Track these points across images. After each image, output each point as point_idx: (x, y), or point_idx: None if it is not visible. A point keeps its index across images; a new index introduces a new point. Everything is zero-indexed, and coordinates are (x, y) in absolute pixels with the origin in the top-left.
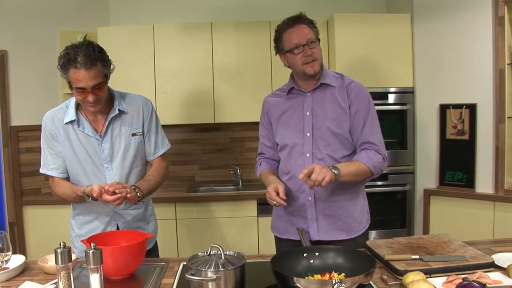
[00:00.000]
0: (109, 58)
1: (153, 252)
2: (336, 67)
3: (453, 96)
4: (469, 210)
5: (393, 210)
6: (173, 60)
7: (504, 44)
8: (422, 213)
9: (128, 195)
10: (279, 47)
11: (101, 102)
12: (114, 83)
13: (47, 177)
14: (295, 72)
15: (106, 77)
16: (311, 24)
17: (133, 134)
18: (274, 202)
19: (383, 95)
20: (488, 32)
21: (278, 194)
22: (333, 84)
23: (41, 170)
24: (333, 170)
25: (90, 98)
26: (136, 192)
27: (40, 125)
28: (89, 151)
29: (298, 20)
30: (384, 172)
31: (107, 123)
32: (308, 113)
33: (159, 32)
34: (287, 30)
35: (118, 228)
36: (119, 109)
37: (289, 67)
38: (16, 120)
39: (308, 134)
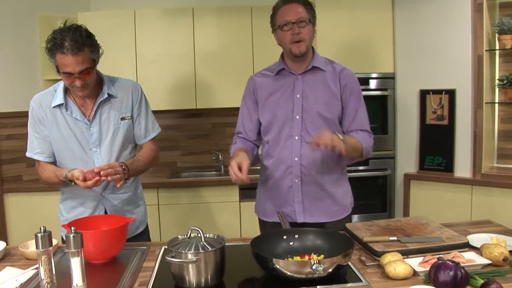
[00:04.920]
0: (97, 43)
1: (143, 234)
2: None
3: (433, 81)
4: (448, 193)
5: (374, 194)
6: (155, 46)
7: (483, 31)
8: (402, 198)
9: (109, 177)
10: (272, 23)
11: (89, 87)
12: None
13: (31, 163)
14: (284, 51)
15: (94, 62)
16: (307, 5)
17: (122, 118)
18: (234, 177)
19: (365, 81)
20: (467, 18)
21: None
22: (324, 69)
23: (27, 154)
24: (340, 136)
25: (78, 83)
26: (124, 170)
27: (20, 112)
28: (77, 135)
29: None
30: None
31: (95, 107)
32: (298, 96)
33: (140, 17)
34: (282, 7)
35: (106, 213)
36: (108, 93)
37: (279, 44)
38: None
39: (298, 117)
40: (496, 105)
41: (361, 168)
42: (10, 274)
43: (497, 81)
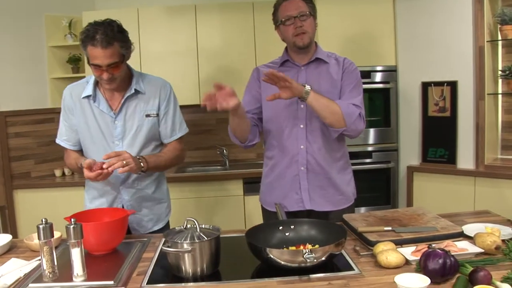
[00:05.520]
0: (129, 39)
1: (161, 232)
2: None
3: (435, 73)
4: (451, 185)
5: (377, 187)
6: (158, 43)
7: (484, 22)
8: (405, 190)
9: (120, 169)
10: (275, 20)
11: (116, 81)
12: None
13: (39, 160)
14: (288, 45)
15: (123, 57)
16: None
17: (147, 115)
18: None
19: (367, 74)
20: (468, 10)
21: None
22: (327, 61)
23: (56, 140)
24: (306, 87)
25: (105, 75)
26: (140, 162)
27: (28, 110)
28: (102, 127)
29: None
30: (368, 149)
31: (122, 101)
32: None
33: (143, 16)
34: (283, 3)
35: (123, 207)
36: (135, 89)
37: (283, 39)
38: (4, 105)
39: (302, 106)
40: (500, 96)
41: (364, 160)
42: (15, 265)
43: (499, 72)
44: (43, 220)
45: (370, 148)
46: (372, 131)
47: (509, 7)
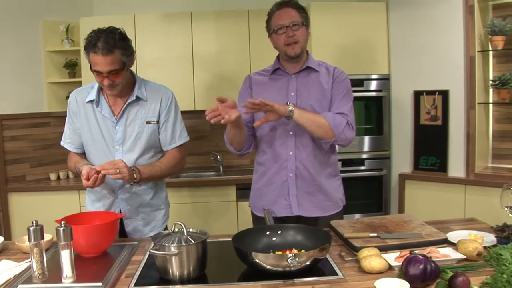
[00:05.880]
0: (131, 46)
1: None
2: (313, 55)
3: (427, 82)
4: (442, 193)
5: (370, 194)
6: (154, 49)
7: (475, 32)
8: (397, 197)
9: (111, 176)
10: (268, 28)
11: (118, 88)
12: None
13: (34, 163)
14: (279, 53)
15: (125, 64)
16: (300, 9)
17: (148, 122)
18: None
19: (360, 82)
20: (459, 20)
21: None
22: (317, 69)
23: (61, 142)
24: (289, 106)
25: (106, 82)
26: (134, 173)
27: (24, 114)
28: (103, 131)
29: (287, 3)
30: (361, 157)
31: (124, 107)
32: (292, 94)
33: (140, 22)
34: (276, 12)
35: (120, 211)
36: (137, 96)
37: (275, 47)
38: (0, 108)
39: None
40: (490, 105)
41: (357, 168)
42: (6, 266)
43: (490, 82)
44: (34, 222)
45: (363, 156)
46: (365, 139)
47: (499, 18)
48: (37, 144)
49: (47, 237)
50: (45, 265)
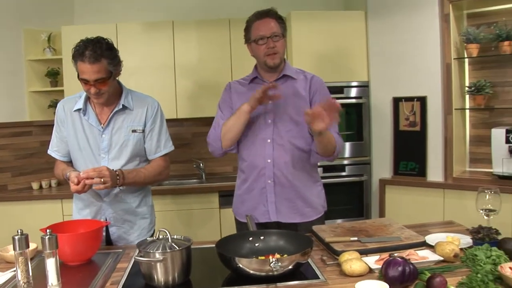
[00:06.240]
0: (118, 56)
1: None
2: (293, 63)
3: (405, 89)
4: (421, 197)
5: (351, 200)
6: (136, 58)
7: (450, 40)
8: (378, 202)
9: (95, 186)
10: (247, 37)
11: (104, 96)
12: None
13: (16, 173)
14: (258, 62)
15: (111, 73)
16: (279, 19)
17: (133, 131)
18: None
19: (340, 89)
20: (435, 28)
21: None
22: (295, 77)
23: (48, 151)
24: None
25: (92, 90)
26: (117, 178)
27: (5, 123)
28: (89, 140)
29: (267, 14)
30: (342, 163)
31: (111, 115)
32: (270, 102)
33: (122, 31)
34: (256, 21)
35: (106, 219)
36: (123, 105)
37: (254, 56)
38: None
39: (270, 121)
40: (467, 111)
41: (338, 174)
42: None
43: (466, 88)
44: (19, 231)
45: (344, 162)
46: (346, 145)
47: (473, 26)
48: (19, 153)
49: (32, 246)
50: (30, 274)
